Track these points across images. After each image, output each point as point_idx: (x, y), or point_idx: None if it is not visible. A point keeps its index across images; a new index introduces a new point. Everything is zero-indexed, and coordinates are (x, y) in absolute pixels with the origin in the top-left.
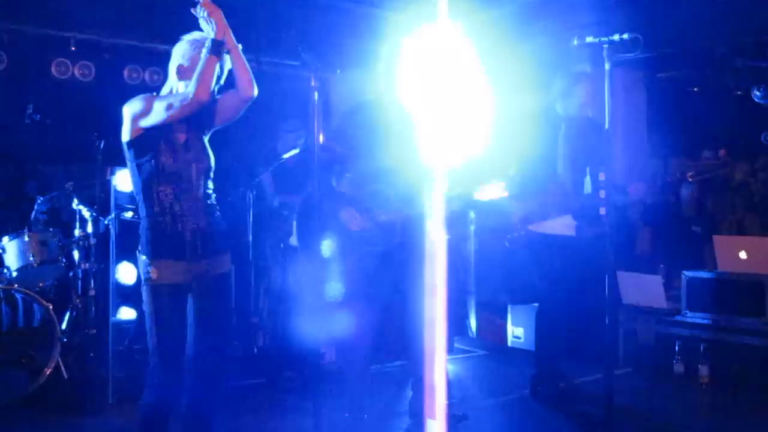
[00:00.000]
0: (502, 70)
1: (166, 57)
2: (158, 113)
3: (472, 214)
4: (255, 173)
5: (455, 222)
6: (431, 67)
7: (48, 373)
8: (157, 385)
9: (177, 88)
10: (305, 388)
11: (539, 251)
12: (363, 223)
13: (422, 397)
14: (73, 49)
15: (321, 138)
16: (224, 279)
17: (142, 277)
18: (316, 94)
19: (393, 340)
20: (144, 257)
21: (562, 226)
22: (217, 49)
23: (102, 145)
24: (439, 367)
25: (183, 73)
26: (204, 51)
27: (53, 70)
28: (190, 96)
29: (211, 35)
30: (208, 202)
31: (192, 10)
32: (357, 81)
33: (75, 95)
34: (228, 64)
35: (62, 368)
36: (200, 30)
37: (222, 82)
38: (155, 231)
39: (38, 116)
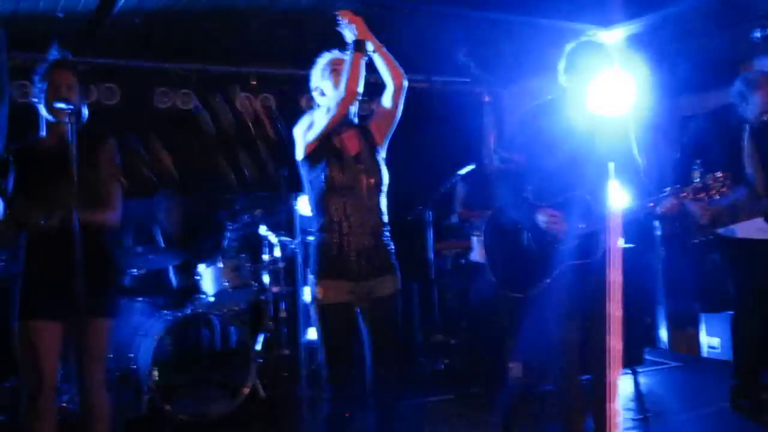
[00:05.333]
0: (679, 69)
1: None
2: (320, 120)
3: (656, 222)
4: (433, 191)
5: (638, 230)
6: (604, 73)
7: (246, 392)
8: (331, 399)
9: (323, 103)
10: (493, 403)
11: (732, 256)
12: (565, 225)
13: (603, 420)
14: (253, 83)
15: (497, 149)
16: (392, 300)
17: (310, 296)
18: (488, 108)
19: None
20: (311, 276)
21: (755, 229)
22: (360, 47)
23: (286, 173)
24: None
25: (322, 92)
26: (348, 53)
27: (237, 104)
28: (342, 91)
29: (351, 38)
30: (379, 219)
31: (338, 29)
32: (529, 93)
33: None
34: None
35: (259, 388)
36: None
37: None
38: (321, 250)
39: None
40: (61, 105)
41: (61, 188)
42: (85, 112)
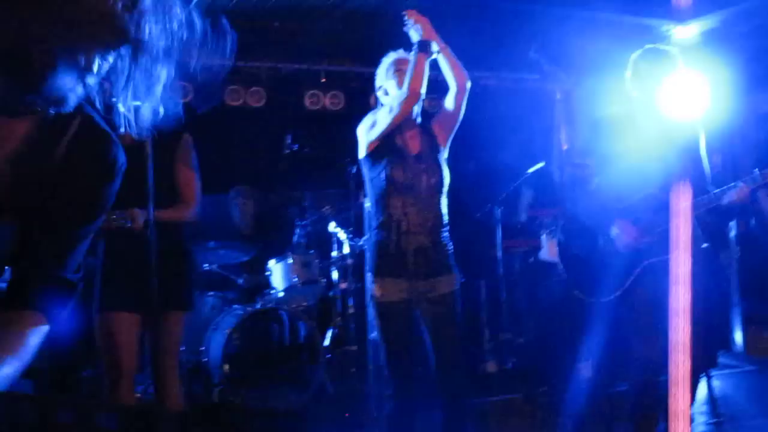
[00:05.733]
0: (756, 66)
1: None
2: (383, 119)
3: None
4: (503, 189)
5: (711, 229)
6: (678, 73)
7: (314, 387)
8: (393, 396)
9: (386, 102)
10: (562, 404)
11: None
12: (639, 235)
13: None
14: (323, 80)
15: (566, 150)
16: (450, 298)
17: (368, 294)
18: (559, 106)
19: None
20: (369, 274)
21: None
22: (424, 47)
23: (354, 170)
24: (685, 390)
25: (386, 91)
26: (412, 53)
27: (306, 101)
28: (405, 91)
29: (416, 38)
30: (438, 218)
31: (404, 29)
32: (601, 90)
33: (327, 124)
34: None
35: (327, 383)
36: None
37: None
38: (379, 248)
39: (296, 146)
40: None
41: (140, 186)
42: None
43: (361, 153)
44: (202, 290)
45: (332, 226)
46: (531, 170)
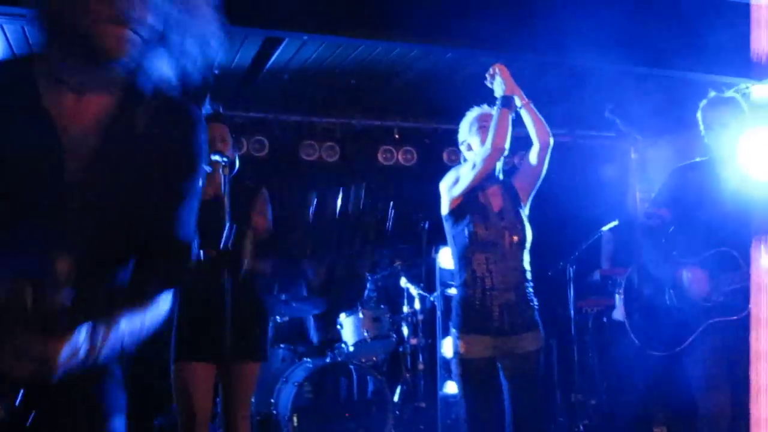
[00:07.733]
0: None
1: None
2: (466, 175)
3: None
4: (576, 247)
5: None
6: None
7: None
8: None
9: (470, 157)
10: None
11: None
12: (710, 288)
13: None
14: (396, 137)
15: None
16: (534, 356)
17: (452, 350)
18: (634, 164)
19: None
20: (454, 330)
21: None
22: (507, 103)
23: (426, 225)
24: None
25: (469, 146)
26: (495, 108)
27: (380, 157)
28: (489, 147)
29: (500, 93)
30: (522, 275)
31: (486, 83)
32: (676, 149)
33: (400, 179)
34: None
35: None
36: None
37: None
38: (464, 304)
39: (369, 201)
40: (216, 157)
41: (218, 236)
42: (237, 162)
43: (444, 209)
44: (274, 342)
45: (403, 282)
46: (605, 228)
